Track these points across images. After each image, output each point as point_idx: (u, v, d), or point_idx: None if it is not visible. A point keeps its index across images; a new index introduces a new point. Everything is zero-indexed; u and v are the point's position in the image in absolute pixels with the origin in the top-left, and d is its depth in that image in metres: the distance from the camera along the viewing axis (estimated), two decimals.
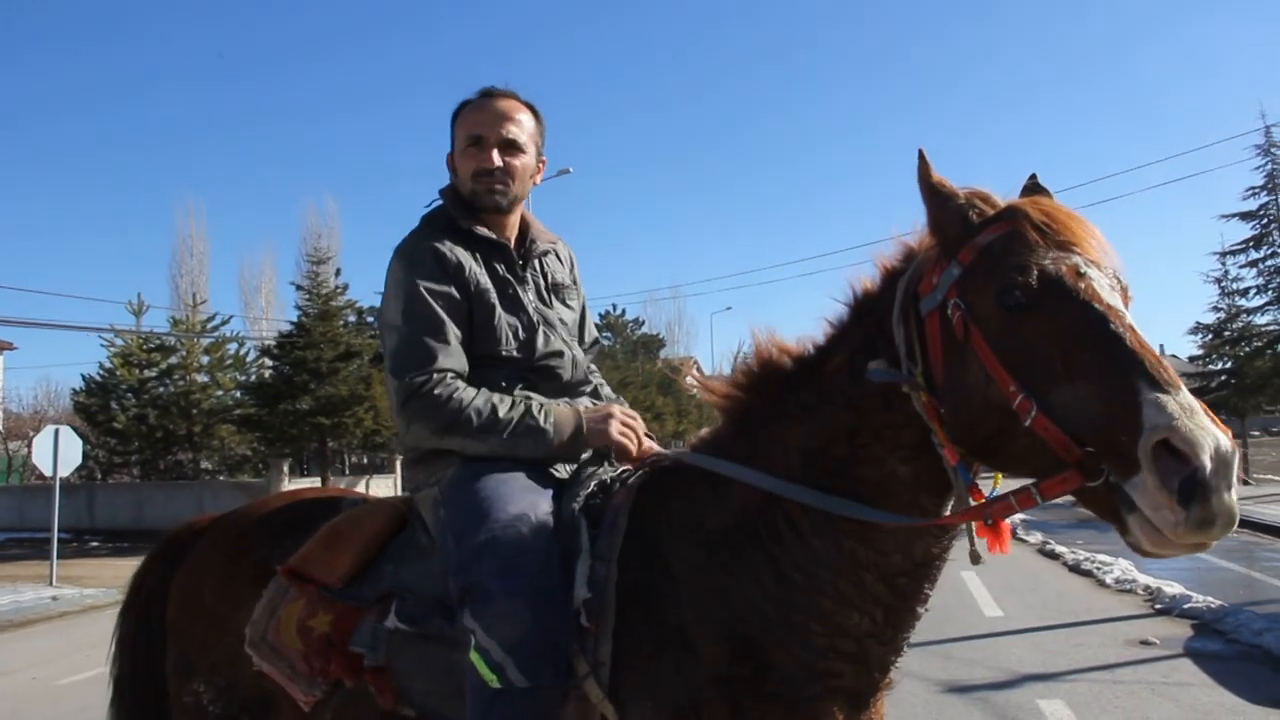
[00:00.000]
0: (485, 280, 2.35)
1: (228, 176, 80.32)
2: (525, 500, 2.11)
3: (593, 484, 2.21)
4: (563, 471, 2.27)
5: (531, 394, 2.34)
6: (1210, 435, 1.48)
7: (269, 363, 27.84)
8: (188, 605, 2.57)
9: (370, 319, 30.90)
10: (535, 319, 2.40)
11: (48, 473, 16.14)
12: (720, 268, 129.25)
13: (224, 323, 30.58)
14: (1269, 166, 30.07)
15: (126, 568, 14.00)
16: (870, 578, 1.90)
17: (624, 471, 2.25)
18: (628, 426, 2.28)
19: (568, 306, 2.55)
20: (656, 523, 2.07)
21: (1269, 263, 30.67)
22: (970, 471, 1.84)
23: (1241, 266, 31.57)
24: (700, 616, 1.94)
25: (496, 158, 2.39)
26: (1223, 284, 32.25)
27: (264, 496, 2.86)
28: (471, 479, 2.17)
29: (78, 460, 17.16)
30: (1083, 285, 1.69)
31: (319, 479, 26.10)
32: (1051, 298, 1.69)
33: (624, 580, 2.00)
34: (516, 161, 2.43)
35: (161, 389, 28.71)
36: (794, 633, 1.90)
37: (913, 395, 1.85)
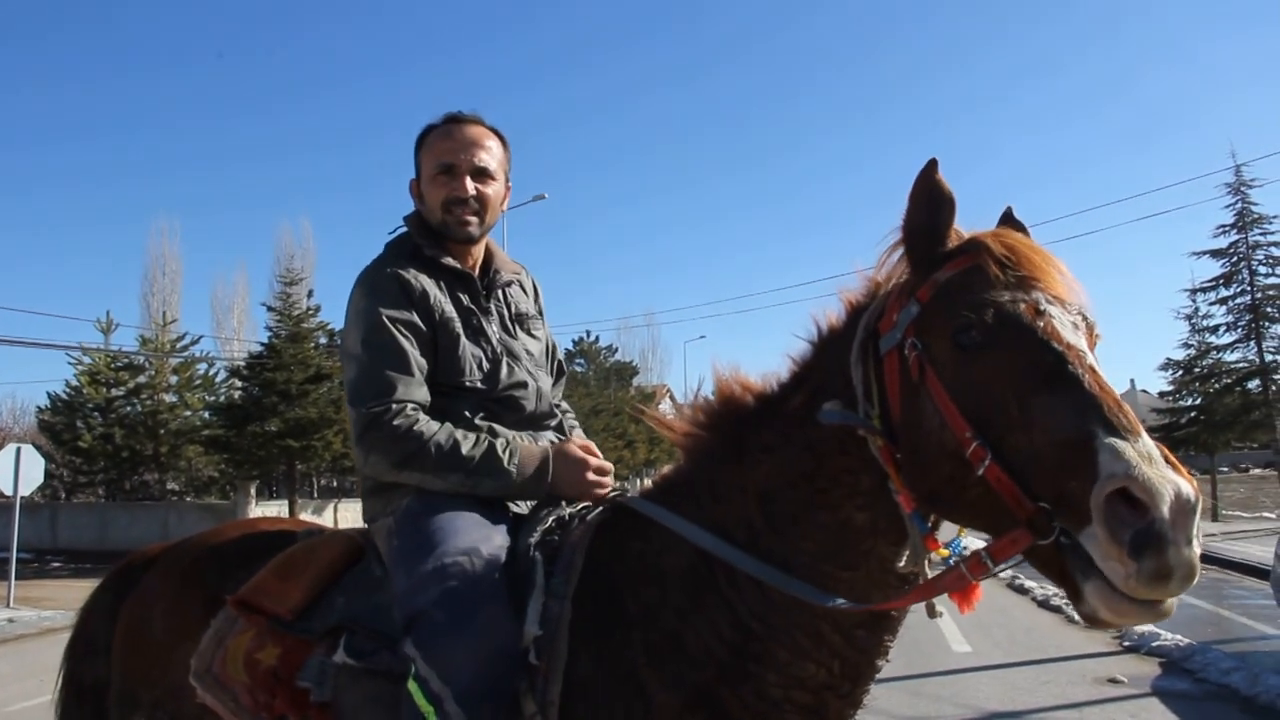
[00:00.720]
0: (450, 310, 2.30)
1: (202, 197, 79.93)
2: (478, 533, 2.05)
3: (550, 519, 2.15)
4: (521, 506, 2.22)
5: (496, 427, 2.28)
6: (1171, 484, 1.39)
7: (238, 384, 27.59)
8: (133, 636, 2.49)
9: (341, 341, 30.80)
10: (499, 350, 2.36)
11: (8, 491, 15.87)
12: (695, 296, 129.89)
13: (194, 342, 30.35)
14: (1239, 205, 30.51)
15: (87, 589, 13.77)
16: (827, 628, 1.83)
17: (583, 508, 2.19)
18: (597, 471, 2.22)
19: (533, 337, 2.50)
20: (613, 563, 2.01)
21: (1239, 300, 31.02)
22: (926, 521, 1.76)
23: (1212, 303, 31.96)
24: (654, 661, 1.88)
25: (470, 186, 2.35)
26: (1193, 320, 32.59)
27: (218, 525, 2.78)
28: (426, 510, 2.11)
29: (39, 479, 16.92)
30: (1041, 324, 1.62)
31: (287, 502, 25.82)
32: (1008, 337, 1.62)
33: (577, 620, 1.93)
34: (488, 190, 2.39)
35: (129, 408, 28.41)
36: (749, 682, 1.83)
37: (869, 439, 1.78)
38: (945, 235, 1.78)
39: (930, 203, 1.78)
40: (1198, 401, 32.88)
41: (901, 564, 1.83)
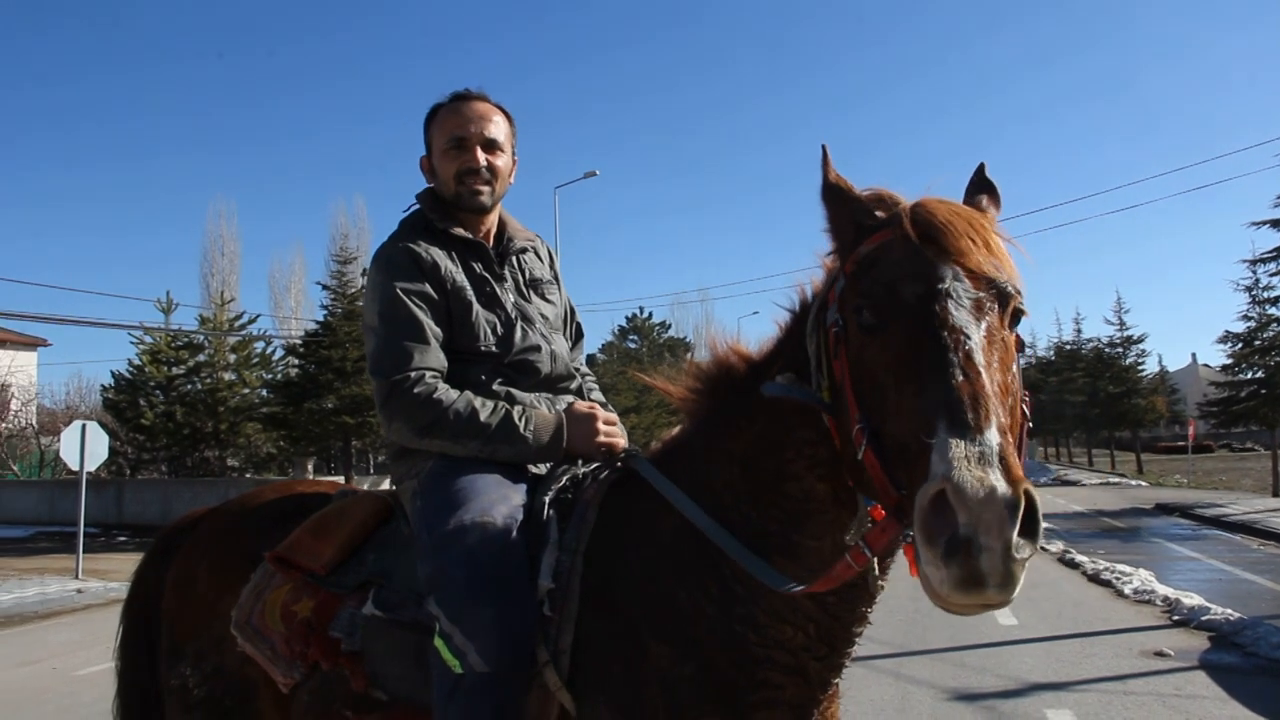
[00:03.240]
0: (461, 278, 2.41)
1: (261, 177, 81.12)
2: (497, 493, 2.16)
3: (565, 479, 2.25)
4: (539, 467, 2.32)
5: (514, 392, 2.38)
6: (987, 487, 1.34)
7: (295, 362, 28.06)
8: (179, 592, 2.63)
9: None
10: (513, 314, 2.45)
11: (74, 467, 16.37)
12: (748, 271, 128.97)
13: (251, 321, 30.88)
14: None
15: None
16: (801, 595, 1.87)
17: (597, 468, 2.29)
18: (606, 435, 2.32)
19: (548, 301, 2.60)
20: (619, 522, 2.10)
21: None
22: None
23: (1272, 274, 31.16)
24: (650, 615, 1.96)
25: (481, 157, 2.45)
26: (1253, 292, 31.88)
27: (257, 489, 2.93)
28: (448, 472, 2.22)
29: (104, 455, 17.40)
30: (932, 306, 1.58)
31: (343, 478, 26.27)
32: (895, 319, 1.60)
33: (586, 574, 2.03)
34: (498, 161, 2.49)
35: (189, 386, 29.01)
36: (735, 640, 1.90)
37: (822, 413, 1.79)
38: (858, 220, 1.78)
39: (831, 200, 1.83)
40: (1258, 375, 32.14)
41: (849, 537, 1.85)
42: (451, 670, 1.95)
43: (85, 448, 16.09)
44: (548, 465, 2.32)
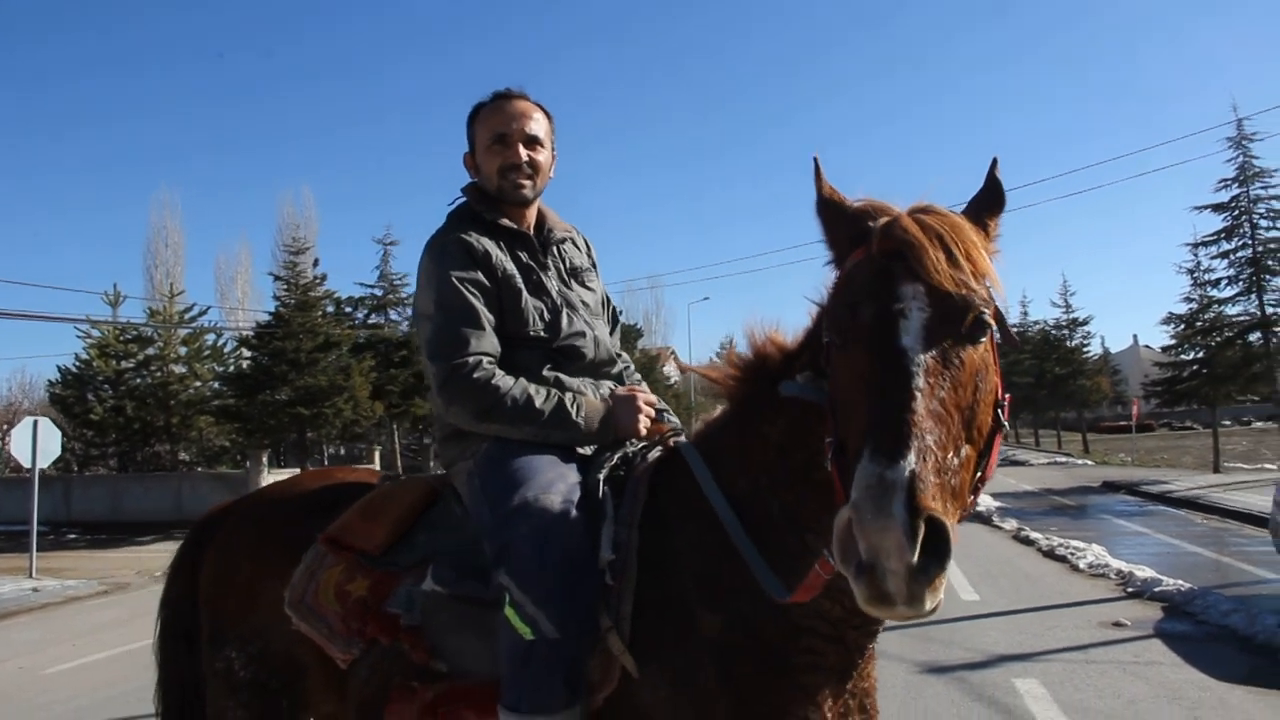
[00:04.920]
0: (511, 267, 2.49)
1: (203, 167, 79.79)
2: (554, 472, 2.25)
3: (616, 457, 2.34)
4: (587, 450, 2.41)
5: (563, 378, 2.47)
6: (883, 517, 1.40)
7: (247, 353, 27.72)
8: (220, 579, 2.66)
9: (349, 309, 30.87)
10: (559, 301, 2.54)
11: (26, 464, 16.07)
12: (697, 259, 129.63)
13: (201, 313, 30.44)
14: (1240, 159, 30.45)
15: (107, 560, 14.05)
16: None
17: (644, 447, 2.39)
18: (648, 416, 2.42)
19: (587, 289, 2.69)
20: (666, 498, 2.20)
21: (1239, 253, 30.97)
22: None
23: (1213, 257, 31.91)
24: (699, 586, 2.06)
25: (522, 153, 2.53)
26: (1195, 275, 32.60)
27: (295, 476, 2.97)
28: (504, 454, 2.31)
29: (56, 452, 17.11)
30: (882, 329, 1.63)
31: (298, 470, 26.02)
32: (853, 340, 1.67)
33: (640, 546, 2.13)
34: (539, 156, 2.57)
35: (139, 380, 28.55)
36: (779, 611, 1.99)
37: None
38: (847, 223, 1.84)
39: (825, 214, 1.90)
40: (1199, 355, 32.98)
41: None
42: (523, 638, 2.04)
43: (37, 444, 15.79)
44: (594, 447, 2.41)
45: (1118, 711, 6.09)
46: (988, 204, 1.88)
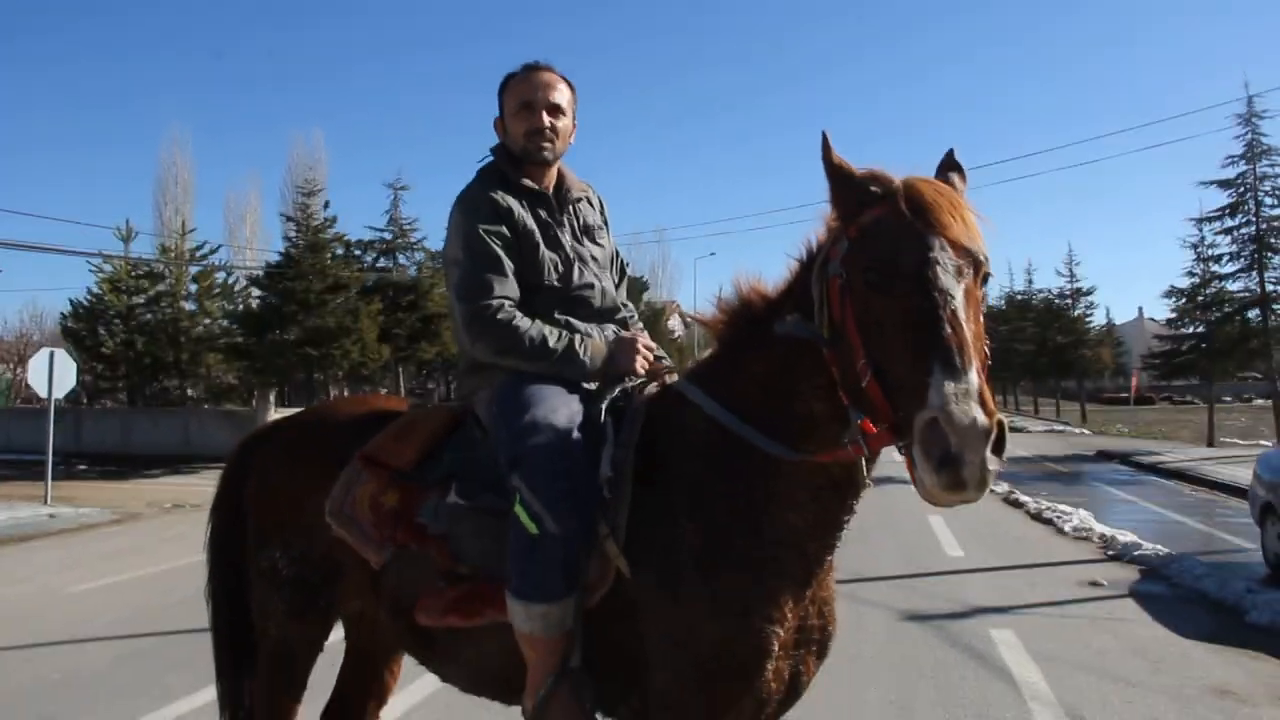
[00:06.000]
0: (531, 223, 2.79)
1: (213, 104, 79.56)
2: (560, 399, 2.59)
3: (616, 389, 2.68)
4: (591, 385, 2.73)
5: (573, 322, 2.79)
6: (969, 415, 1.78)
7: (256, 292, 28.01)
8: (268, 487, 3.01)
9: (358, 252, 31.09)
10: (572, 255, 2.85)
11: (43, 394, 16.43)
12: (705, 213, 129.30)
13: (212, 251, 30.72)
14: (1248, 135, 30.46)
15: (117, 490, 14.48)
16: (801, 492, 2.34)
17: (641, 383, 2.72)
18: (645, 357, 2.75)
19: (598, 245, 2.99)
20: (659, 427, 2.53)
21: (1243, 230, 31.07)
22: (860, 414, 2.15)
23: (1217, 233, 32.00)
24: (684, 501, 2.41)
25: (545, 119, 2.83)
26: (1198, 249, 32.72)
27: (333, 401, 3.28)
28: (518, 383, 2.64)
29: (72, 383, 17.48)
30: (926, 272, 1.96)
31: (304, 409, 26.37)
32: (897, 282, 1.99)
33: (635, 466, 2.45)
34: (560, 122, 2.87)
35: (149, 316, 28.89)
36: (752, 525, 2.36)
37: (822, 347, 2.22)
38: (857, 194, 2.16)
39: (834, 178, 2.21)
40: (1199, 329, 33.24)
41: (845, 438, 2.24)
42: (528, 532, 2.38)
43: (54, 375, 16.17)
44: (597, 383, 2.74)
45: (1085, 661, 6.46)
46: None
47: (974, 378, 1.85)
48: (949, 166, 2.27)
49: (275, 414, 25.90)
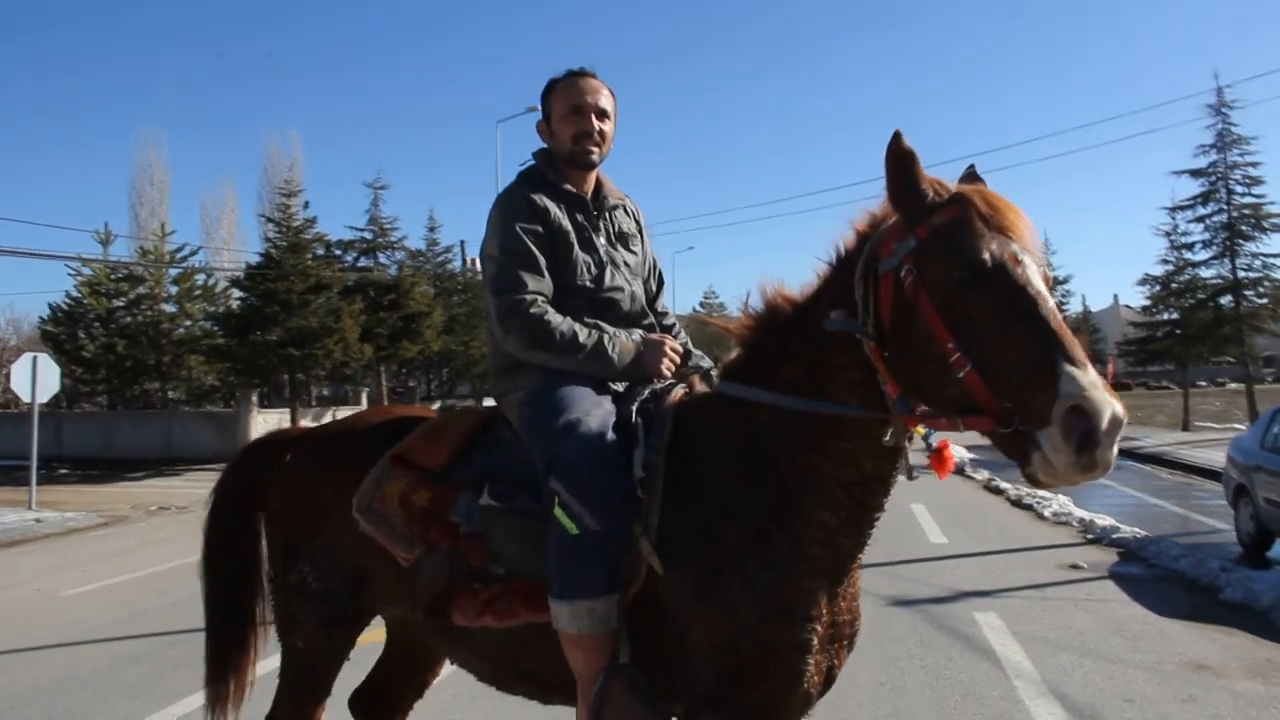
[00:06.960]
0: (567, 224, 2.87)
1: (188, 106, 78.99)
2: (592, 401, 2.66)
3: (646, 392, 2.75)
4: (618, 386, 2.81)
5: (601, 324, 2.86)
6: (1109, 405, 1.87)
7: (237, 294, 27.92)
8: (295, 502, 3.03)
9: (338, 252, 31.02)
10: (604, 259, 2.93)
11: (25, 399, 16.36)
12: (683, 209, 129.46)
13: (192, 253, 30.60)
14: (1219, 125, 30.87)
15: (100, 494, 14.46)
16: (837, 488, 2.39)
17: (669, 385, 2.78)
18: (672, 360, 2.81)
19: (631, 252, 3.07)
20: (691, 429, 2.60)
21: (1215, 218, 31.49)
22: (909, 405, 2.27)
23: (1190, 221, 32.40)
24: (720, 506, 2.46)
25: (595, 122, 2.92)
26: (1172, 237, 33.09)
27: (360, 412, 3.32)
28: (550, 385, 2.71)
29: (55, 387, 17.35)
30: (1019, 271, 2.07)
31: (288, 410, 26.38)
32: (994, 278, 2.06)
33: (666, 468, 2.52)
34: (607, 127, 2.96)
35: (129, 319, 28.75)
36: (787, 522, 2.41)
37: (864, 342, 2.29)
38: (926, 196, 2.24)
39: (903, 178, 2.26)
40: (1173, 316, 33.64)
41: (887, 438, 2.36)
42: (569, 532, 2.44)
43: (36, 380, 16.09)
44: (625, 383, 2.80)
45: (1066, 641, 6.64)
46: None
47: (1092, 368, 1.96)
48: (972, 180, 2.36)
49: (257, 415, 25.89)
